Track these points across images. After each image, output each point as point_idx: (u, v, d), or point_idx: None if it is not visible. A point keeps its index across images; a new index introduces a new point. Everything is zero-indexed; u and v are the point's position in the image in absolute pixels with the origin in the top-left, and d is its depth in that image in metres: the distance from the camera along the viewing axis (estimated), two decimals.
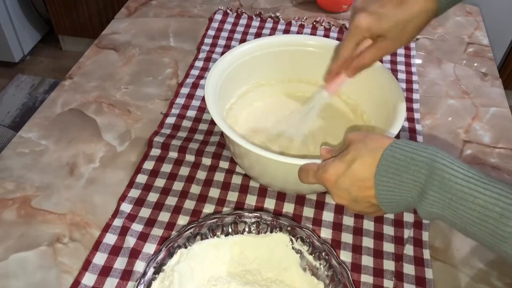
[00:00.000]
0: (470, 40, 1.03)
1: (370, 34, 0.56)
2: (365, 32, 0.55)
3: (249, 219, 0.61)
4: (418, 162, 0.43)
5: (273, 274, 0.58)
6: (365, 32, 0.55)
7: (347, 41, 0.57)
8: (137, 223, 0.64)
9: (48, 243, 0.62)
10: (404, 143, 0.46)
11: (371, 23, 0.54)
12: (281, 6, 1.11)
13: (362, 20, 0.54)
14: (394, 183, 0.45)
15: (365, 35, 0.56)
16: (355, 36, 0.56)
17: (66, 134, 0.77)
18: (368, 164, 0.46)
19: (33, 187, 0.69)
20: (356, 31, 0.56)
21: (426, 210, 0.43)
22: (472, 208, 0.40)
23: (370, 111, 0.72)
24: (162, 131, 0.77)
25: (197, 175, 0.71)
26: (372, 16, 0.54)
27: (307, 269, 0.58)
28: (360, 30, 0.55)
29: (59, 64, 2.28)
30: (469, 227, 0.41)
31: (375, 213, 0.51)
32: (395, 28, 0.54)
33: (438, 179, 0.42)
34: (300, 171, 0.54)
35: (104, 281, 0.58)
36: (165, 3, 1.10)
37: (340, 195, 0.49)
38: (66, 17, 2.13)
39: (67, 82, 0.87)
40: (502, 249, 0.39)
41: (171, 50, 0.96)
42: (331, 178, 0.48)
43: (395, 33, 0.54)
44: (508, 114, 0.85)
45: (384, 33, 0.55)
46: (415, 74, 0.92)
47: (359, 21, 0.55)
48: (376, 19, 0.54)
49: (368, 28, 0.55)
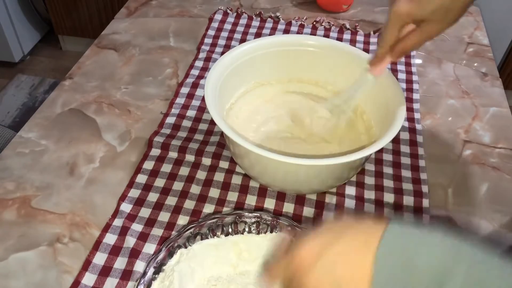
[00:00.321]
0: (470, 40, 1.03)
1: (411, 19, 0.53)
2: (406, 18, 0.53)
3: (249, 219, 0.61)
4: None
5: None
6: (406, 18, 0.53)
7: (389, 27, 0.55)
8: (137, 223, 0.64)
9: (48, 243, 0.62)
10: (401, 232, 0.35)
11: (411, 8, 0.51)
12: (281, 6, 1.11)
13: (402, 7, 0.51)
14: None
15: (406, 20, 0.53)
16: (396, 23, 0.54)
17: (66, 134, 0.77)
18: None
19: (33, 187, 0.69)
20: (397, 18, 0.53)
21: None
22: None
23: (370, 111, 0.72)
24: (162, 131, 0.77)
25: (197, 175, 0.71)
26: (412, 2, 0.51)
27: None
28: (400, 17, 0.53)
29: (59, 64, 2.28)
30: None
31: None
32: (439, 11, 0.51)
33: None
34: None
35: (104, 281, 0.58)
36: (165, 3, 1.10)
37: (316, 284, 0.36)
38: (66, 17, 2.13)
39: (67, 82, 0.87)
40: None
41: (171, 50, 0.96)
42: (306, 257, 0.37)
43: (440, 16, 0.51)
44: (508, 114, 0.85)
45: (428, 17, 0.52)
46: (415, 74, 0.92)
47: (399, 8, 0.52)
48: (416, 4, 0.51)
49: (408, 14, 0.52)
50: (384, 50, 0.58)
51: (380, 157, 0.74)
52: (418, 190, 0.69)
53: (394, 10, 0.52)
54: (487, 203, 0.70)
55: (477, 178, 0.73)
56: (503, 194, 0.71)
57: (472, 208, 0.69)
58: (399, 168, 0.73)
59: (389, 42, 0.57)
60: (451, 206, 0.69)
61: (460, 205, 0.69)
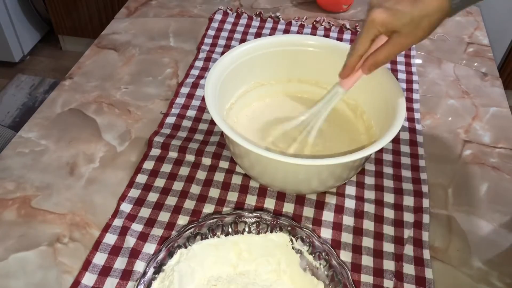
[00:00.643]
0: (470, 40, 1.03)
1: (385, 29, 0.56)
2: (379, 26, 0.56)
3: (249, 219, 0.61)
4: None
5: (273, 274, 0.59)
6: (380, 26, 0.56)
7: (362, 36, 0.58)
8: (137, 223, 0.64)
9: (48, 243, 0.62)
10: None
11: (386, 18, 0.55)
12: (281, 6, 1.11)
13: (378, 15, 0.55)
14: None
15: (380, 29, 0.56)
16: (370, 31, 0.57)
17: (66, 134, 0.77)
18: None
19: (33, 187, 0.69)
20: (371, 26, 0.56)
21: None
22: None
23: (370, 111, 0.72)
24: (162, 131, 0.77)
25: (197, 175, 0.71)
26: (388, 11, 0.55)
27: (307, 269, 0.58)
28: (375, 25, 0.56)
29: (59, 64, 2.28)
30: None
31: None
32: (410, 24, 0.55)
33: None
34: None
35: (104, 281, 0.58)
36: (165, 3, 1.10)
37: None
38: (66, 17, 2.13)
39: (67, 82, 0.87)
40: None
41: (171, 50, 0.96)
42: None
43: (410, 29, 0.55)
44: (508, 114, 0.85)
45: (399, 29, 0.55)
46: (415, 74, 0.92)
47: (375, 16, 0.55)
48: (391, 14, 0.55)
49: (383, 23, 0.55)
50: (354, 59, 0.60)
51: (380, 157, 0.74)
52: (418, 190, 0.69)
53: (370, 18, 0.56)
54: (487, 203, 0.70)
55: (477, 178, 0.73)
56: (503, 194, 0.71)
57: (472, 208, 0.69)
58: (399, 168, 0.73)
59: (360, 51, 0.59)
60: (451, 206, 0.69)
61: (460, 205, 0.69)
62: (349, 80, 0.63)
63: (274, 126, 0.72)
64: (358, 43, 0.59)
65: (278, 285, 0.57)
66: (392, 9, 0.55)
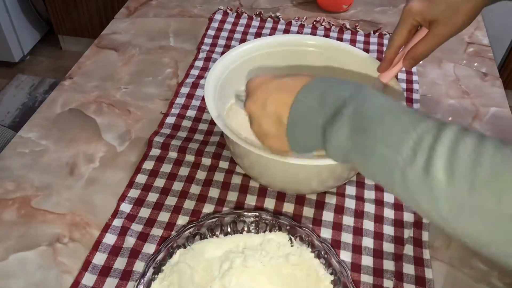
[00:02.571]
0: (470, 40, 1.03)
1: (422, 18, 0.54)
2: (416, 15, 0.54)
3: (248, 219, 0.61)
4: (345, 86, 0.43)
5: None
6: (417, 15, 0.54)
7: (399, 27, 0.57)
8: (137, 223, 0.64)
9: (48, 243, 0.62)
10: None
11: (422, 6, 0.53)
12: (281, 6, 1.11)
13: (414, 5, 0.54)
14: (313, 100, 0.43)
15: (417, 18, 0.55)
16: (407, 21, 0.55)
17: (66, 134, 0.77)
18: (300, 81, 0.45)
19: (33, 187, 0.69)
20: (408, 15, 0.55)
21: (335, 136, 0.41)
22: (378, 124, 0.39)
23: None
24: (162, 131, 0.77)
25: (197, 175, 0.71)
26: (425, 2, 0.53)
27: None
28: (411, 14, 0.54)
29: (59, 64, 2.28)
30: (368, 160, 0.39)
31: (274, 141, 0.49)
32: (448, 10, 0.52)
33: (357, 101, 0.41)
34: None
35: (104, 281, 0.58)
36: (165, 3, 1.10)
37: (254, 98, 0.49)
38: (66, 17, 2.13)
39: (67, 82, 0.87)
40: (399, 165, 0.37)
41: (171, 50, 0.96)
42: (257, 80, 0.49)
43: (448, 16, 0.53)
44: (508, 114, 0.85)
45: (437, 17, 0.53)
46: (415, 74, 0.92)
47: (412, 6, 0.54)
48: (428, 3, 0.53)
49: (419, 11, 0.54)
50: (392, 50, 0.58)
51: None
52: None
53: (406, 8, 0.54)
54: None
55: None
56: None
57: None
58: None
59: (398, 42, 0.57)
60: None
61: None
62: (388, 73, 0.61)
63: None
64: (395, 33, 0.57)
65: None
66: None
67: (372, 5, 1.12)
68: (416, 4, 0.54)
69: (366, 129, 0.39)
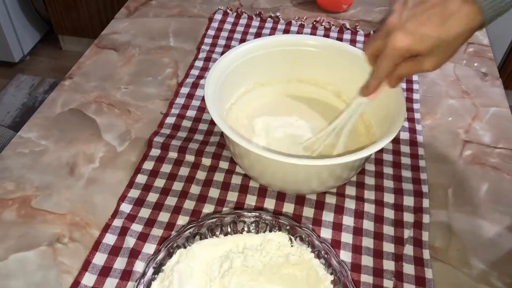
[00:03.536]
0: (470, 40, 1.03)
1: (409, 54, 0.51)
2: (404, 53, 0.50)
3: (248, 219, 0.61)
4: None
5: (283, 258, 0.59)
6: (405, 53, 0.50)
7: (385, 63, 0.52)
8: (137, 223, 0.64)
9: (48, 243, 0.62)
10: None
11: (410, 44, 0.49)
12: (281, 6, 1.11)
13: (400, 42, 0.49)
14: None
15: (404, 55, 0.51)
16: (394, 58, 0.51)
17: (66, 134, 0.77)
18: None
19: (33, 187, 0.69)
20: (394, 53, 0.50)
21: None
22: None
23: (370, 111, 0.72)
24: (162, 131, 0.77)
25: (197, 175, 0.71)
26: (411, 36, 0.49)
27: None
28: (398, 52, 0.50)
29: (59, 64, 2.28)
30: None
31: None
32: (439, 48, 0.49)
33: None
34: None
35: (104, 281, 0.58)
36: (165, 3, 1.10)
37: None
38: (66, 17, 2.13)
39: (67, 82, 0.87)
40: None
41: (171, 50, 0.96)
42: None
43: (439, 52, 0.50)
44: (508, 114, 0.85)
45: (426, 53, 0.50)
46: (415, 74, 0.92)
47: (397, 44, 0.49)
48: (416, 40, 0.49)
49: (407, 49, 0.50)
50: (377, 82, 0.56)
51: (380, 157, 0.74)
52: (418, 190, 0.69)
53: (392, 45, 0.50)
54: (487, 203, 0.70)
55: (477, 178, 0.73)
56: (503, 194, 0.71)
57: (472, 208, 0.69)
58: (399, 168, 0.73)
59: (384, 74, 0.54)
60: (451, 206, 0.69)
61: (460, 205, 0.69)
62: (374, 93, 0.59)
63: (274, 126, 0.72)
64: (380, 68, 0.53)
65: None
66: (416, 33, 0.48)
67: (372, 5, 1.12)
68: (402, 42, 0.49)
69: None
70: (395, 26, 0.50)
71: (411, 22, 0.49)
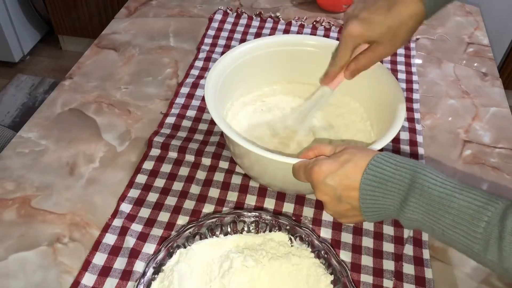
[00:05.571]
0: (470, 40, 1.03)
1: (363, 40, 0.57)
2: (358, 39, 0.57)
3: (248, 219, 0.61)
4: (402, 172, 0.46)
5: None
6: (358, 39, 0.57)
7: (342, 49, 0.59)
8: (137, 223, 0.64)
9: (48, 243, 0.62)
10: (389, 154, 0.48)
11: (362, 30, 0.56)
12: (281, 6, 1.11)
13: (354, 28, 0.56)
14: (378, 190, 0.47)
15: (358, 41, 0.57)
16: (349, 44, 0.58)
17: (66, 134, 0.77)
18: (359, 167, 0.48)
19: (33, 187, 0.69)
20: (349, 39, 0.57)
21: (407, 217, 0.45)
22: (448, 212, 0.42)
23: (370, 111, 0.72)
24: (162, 131, 0.77)
25: (197, 175, 0.71)
26: (363, 23, 0.56)
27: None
28: (353, 38, 0.57)
29: (59, 64, 2.28)
30: (446, 231, 0.43)
31: (353, 218, 0.51)
32: (387, 34, 0.55)
33: (419, 187, 0.44)
34: (293, 168, 0.55)
35: (104, 281, 0.58)
36: (165, 3, 1.10)
37: (325, 191, 0.50)
38: (66, 17, 2.13)
39: (67, 82, 0.87)
40: (474, 252, 0.41)
41: (171, 50, 0.96)
42: (322, 174, 0.50)
43: (388, 38, 0.56)
44: (508, 114, 0.85)
45: (377, 39, 0.56)
46: (415, 74, 0.92)
47: (351, 29, 0.56)
48: (367, 26, 0.56)
49: (360, 35, 0.56)
50: (336, 69, 0.61)
51: None
52: None
53: (346, 31, 0.57)
54: None
55: (477, 178, 0.73)
56: (503, 194, 0.71)
57: None
58: None
59: (342, 62, 0.60)
60: None
61: None
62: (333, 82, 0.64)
63: (273, 124, 0.72)
64: (338, 56, 0.60)
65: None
66: (367, 20, 0.55)
67: None
68: (356, 27, 0.56)
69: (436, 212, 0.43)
70: (351, 16, 0.57)
71: (363, 11, 0.56)
